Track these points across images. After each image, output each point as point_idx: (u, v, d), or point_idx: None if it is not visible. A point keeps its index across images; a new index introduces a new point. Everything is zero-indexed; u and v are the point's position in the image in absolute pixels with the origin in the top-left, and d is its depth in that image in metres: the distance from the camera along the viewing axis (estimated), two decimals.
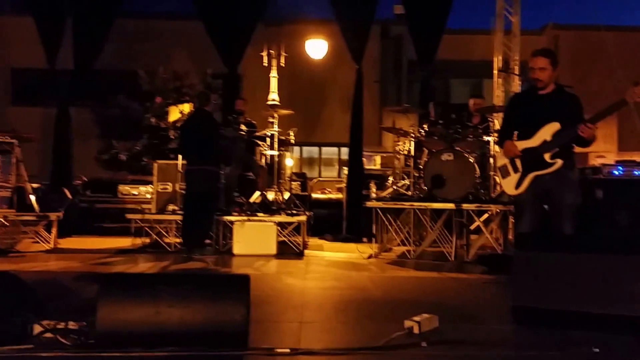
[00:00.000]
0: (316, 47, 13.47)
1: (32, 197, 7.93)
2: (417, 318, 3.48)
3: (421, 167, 7.47)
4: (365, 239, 8.58)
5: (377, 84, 17.18)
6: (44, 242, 7.88)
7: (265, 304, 4.20)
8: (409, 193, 7.62)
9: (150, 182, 9.21)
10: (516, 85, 10.43)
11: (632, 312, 3.28)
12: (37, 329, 3.12)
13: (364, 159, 10.70)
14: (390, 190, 8.06)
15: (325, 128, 16.94)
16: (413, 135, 7.77)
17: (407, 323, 3.45)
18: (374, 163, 11.57)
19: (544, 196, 4.74)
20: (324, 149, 18.48)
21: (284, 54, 11.03)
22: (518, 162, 4.78)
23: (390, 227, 7.44)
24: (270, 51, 10.99)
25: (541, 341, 3.30)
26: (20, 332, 3.07)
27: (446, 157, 7.14)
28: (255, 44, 11.15)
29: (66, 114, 10.74)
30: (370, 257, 7.24)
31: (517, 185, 4.77)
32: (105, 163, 13.90)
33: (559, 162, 4.59)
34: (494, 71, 11.04)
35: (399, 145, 8.28)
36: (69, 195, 9.12)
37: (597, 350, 3.07)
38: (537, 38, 17.25)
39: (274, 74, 11.07)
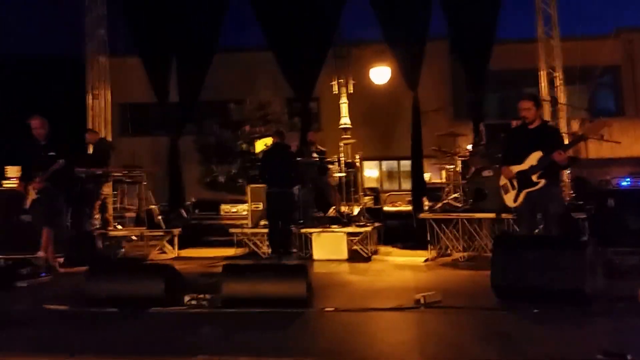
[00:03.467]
0: (380, 74, 15.30)
1: (160, 217, 10.52)
2: (424, 293, 5.51)
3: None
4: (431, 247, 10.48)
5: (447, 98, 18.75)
6: (169, 253, 10.42)
7: (328, 287, 6.38)
8: (459, 205, 9.55)
9: (246, 201, 11.58)
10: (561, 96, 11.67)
11: (564, 286, 5.12)
12: (186, 298, 5.45)
13: (429, 173, 12.60)
14: (442, 202, 9.99)
15: (402, 142, 18.84)
16: (459, 156, 9.71)
17: (417, 296, 5.48)
18: (440, 177, 13.42)
19: (535, 207, 6.59)
20: (403, 162, 20.38)
21: (352, 81, 13.13)
22: (515, 182, 6.66)
23: (442, 235, 9.35)
24: (340, 80, 13.14)
25: (504, 304, 5.23)
26: (179, 300, 5.41)
27: (487, 173, 8.99)
28: (327, 69, 13.23)
29: (176, 143, 13.25)
30: (426, 260, 9.19)
31: (515, 200, 6.65)
32: (207, 185, 16.63)
33: (543, 181, 6.43)
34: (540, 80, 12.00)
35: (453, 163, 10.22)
36: (185, 215, 11.71)
37: (536, 310, 4.97)
38: (612, 42, 18.16)
39: (344, 100, 13.22)
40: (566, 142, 7.14)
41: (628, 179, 8.15)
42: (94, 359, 3.95)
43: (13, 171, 9.75)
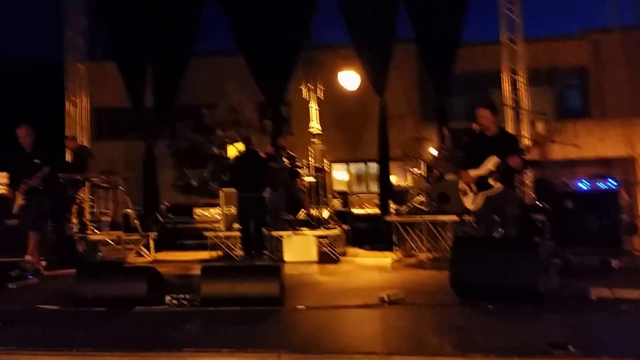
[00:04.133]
0: (349, 79, 15.74)
1: (137, 222, 10.84)
2: (388, 292, 5.97)
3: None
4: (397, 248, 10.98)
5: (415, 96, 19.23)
6: (146, 256, 10.75)
7: (299, 287, 6.84)
8: (424, 208, 10.06)
9: (218, 205, 11.94)
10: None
11: (519, 284, 5.60)
12: (167, 298, 5.85)
13: (396, 177, 13.10)
14: (407, 205, 10.50)
15: (370, 145, 19.34)
16: (423, 160, 10.22)
17: (381, 294, 5.93)
18: (406, 180, 13.95)
19: (493, 210, 7.09)
20: (371, 165, 20.88)
21: (320, 87, 13.56)
22: (473, 186, 7.15)
23: (408, 237, 9.86)
24: (309, 85, 13.57)
25: (463, 301, 5.71)
26: (161, 300, 5.80)
27: (450, 177, 9.52)
28: (298, 74, 13.63)
29: (151, 148, 13.55)
30: (393, 262, 9.66)
31: (473, 203, 7.15)
32: (180, 189, 16.96)
33: (499, 185, 6.93)
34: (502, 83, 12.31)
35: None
36: (160, 218, 12.05)
37: (491, 306, 5.46)
38: (578, 43, 18.76)
39: (312, 105, 13.64)
40: (527, 144, 7.65)
41: (585, 182, 8.69)
42: (92, 353, 4.32)
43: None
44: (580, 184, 8.83)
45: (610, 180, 8.51)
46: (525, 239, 6.42)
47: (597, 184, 8.80)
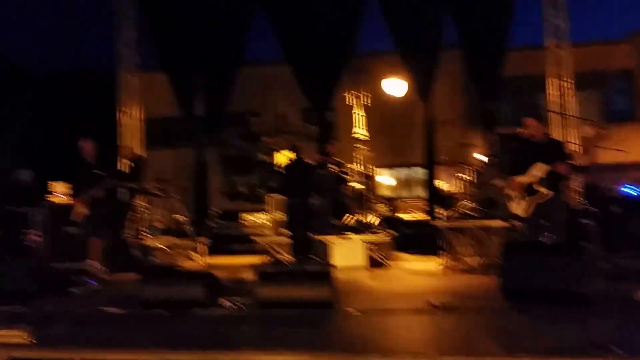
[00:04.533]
0: (394, 86, 15.92)
1: (189, 228, 11.26)
2: (433, 294, 6.16)
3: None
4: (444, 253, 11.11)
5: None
6: (196, 260, 11.14)
7: (349, 291, 7.08)
8: (472, 213, 10.17)
9: (265, 210, 12.28)
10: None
11: (566, 288, 5.73)
12: (223, 301, 6.15)
13: (445, 182, 13.24)
14: (455, 211, 10.63)
15: (417, 150, 19.46)
16: (471, 165, 10.36)
17: (431, 300, 6.12)
18: (455, 185, 14.06)
19: (541, 215, 7.21)
20: (417, 170, 20.96)
21: (367, 94, 13.79)
22: (521, 191, 7.28)
23: (456, 242, 9.98)
24: (354, 92, 13.82)
25: (512, 306, 5.86)
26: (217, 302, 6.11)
27: (498, 183, 9.61)
28: (343, 80, 13.88)
29: (202, 156, 14.00)
30: (440, 266, 9.82)
31: (522, 208, 7.28)
32: (228, 195, 17.40)
33: (547, 191, 7.06)
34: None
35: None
36: (211, 224, 12.45)
37: (540, 311, 5.59)
38: (624, 47, 18.57)
39: (357, 111, 13.88)
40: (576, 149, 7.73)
41: (631, 187, 8.73)
42: (159, 352, 4.63)
43: (57, 187, 10.56)
44: (624, 189, 8.85)
45: None
46: (571, 244, 6.52)
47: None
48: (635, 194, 8.75)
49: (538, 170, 7.13)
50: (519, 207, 7.30)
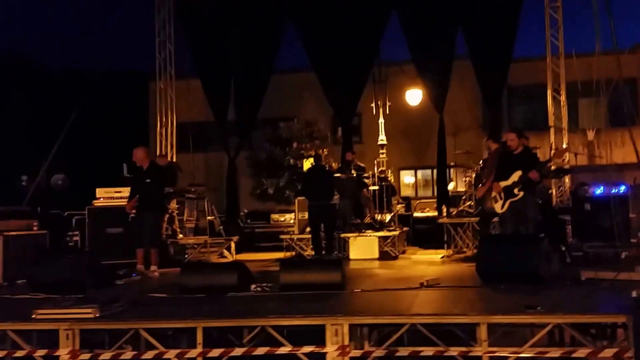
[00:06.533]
0: (414, 96, 17.81)
1: (221, 228, 13.20)
2: (427, 278, 7.96)
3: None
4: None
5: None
6: (228, 257, 13.07)
7: (359, 277, 8.92)
8: (472, 211, 11.96)
9: (292, 211, 14.17)
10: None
11: (526, 270, 7.46)
12: (253, 286, 8.01)
13: (454, 183, 15.03)
14: (457, 209, 12.42)
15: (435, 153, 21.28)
16: (473, 169, 12.12)
17: (421, 280, 7.93)
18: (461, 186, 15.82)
19: (517, 213, 8.97)
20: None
21: (388, 103, 15.62)
22: (502, 194, 9.06)
23: (457, 236, 11.79)
24: (378, 102, 15.67)
25: (484, 284, 7.63)
26: (248, 288, 7.96)
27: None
28: (368, 88, 15.63)
29: (233, 160, 15.88)
30: (443, 257, 11.63)
31: (502, 207, 9.06)
32: (257, 197, 19.38)
33: (522, 194, 8.83)
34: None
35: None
36: (241, 224, 14.42)
37: (503, 287, 7.35)
38: (629, 57, 20.20)
39: (381, 119, 15.73)
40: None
41: (602, 187, 10.44)
42: (203, 320, 6.47)
43: (101, 192, 12.49)
44: (596, 190, 10.52)
45: (622, 185, 10.23)
46: (532, 236, 8.26)
47: (611, 189, 10.48)
48: (603, 193, 10.39)
49: (515, 176, 8.91)
50: (498, 206, 9.07)
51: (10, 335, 6.33)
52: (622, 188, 10.28)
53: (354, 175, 13.09)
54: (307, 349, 5.90)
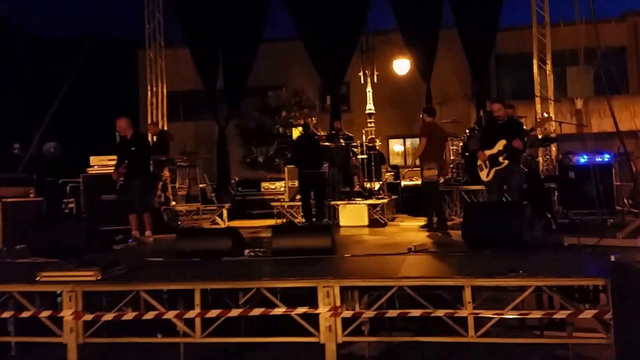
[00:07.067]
0: (401, 65, 17.99)
1: (213, 195, 13.48)
2: (415, 243, 8.31)
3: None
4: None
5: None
6: (220, 224, 13.38)
7: (349, 243, 9.25)
8: (459, 179, 12.30)
9: (282, 179, 14.47)
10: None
11: (509, 236, 7.82)
12: (246, 251, 8.33)
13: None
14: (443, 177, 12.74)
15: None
16: (460, 138, 12.43)
17: (409, 246, 8.28)
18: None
19: (502, 181, 9.31)
20: None
21: (376, 73, 15.84)
22: (487, 162, 9.38)
23: (444, 204, 12.12)
24: (366, 71, 15.89)
25: (470, 249, 7.99)
26: (242, 253, 8.29)
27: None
28: (356, 58, 15.82)
29: (223, 129, 16.10)
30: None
31: (487, 175, 9.39)
32: (247, 165, 19.67)
33: (506, 162, 9.16)
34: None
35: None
36: (232, 192, 14.70)
37: (488, 252, 7.71)
38: (618, 25, 20.69)
39: (369, 89, 15.96)
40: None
41: (585, 156, 10.76)
42: (201, 283, 6.80)
43: (95, 160, 12.73)
44: (580, 159, 10.83)
45: (605, 154, 10.57)
46: (515, 203, 8.61)
47: (595, 158, 10.80)
48: (587, 161, 10.70)
49: (500, 145, 9.22)
50: (484, 174, 9.41)
51: (17, 297, 6.63)
52: (607, 157, 10.57)
53: (343, 144, 13.36)
54: (301, 310, 6.22)
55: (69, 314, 6.43)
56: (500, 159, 9.22)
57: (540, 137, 12.38)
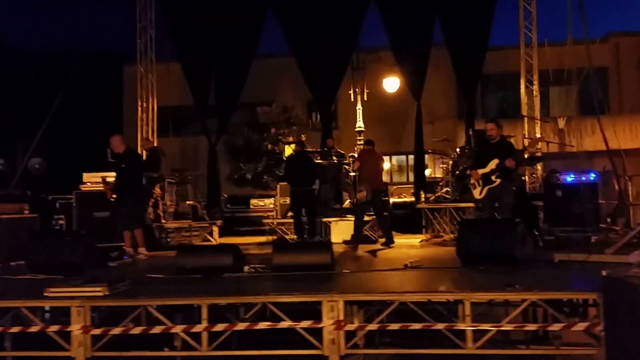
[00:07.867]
0: (391, 83, 18.44)
1: (204, 212, 13.72)
2: (411, 260, 8.64)
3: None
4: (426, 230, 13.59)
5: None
6: (211, 241, 13.60)
7: (345, 259, 9.57)
8: (449, 197, 12.68)
9: (272, 196, 14.75)
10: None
11: (502, 253, 8.16)
12: (246, 267, 8.59)
13: (430, 169, 15.77)
14: (435, 195, 13.14)
15: (410, 139, 21.95)
16: (450, 157, 12.83)
17: (405, 262, 8.60)
18: (437, 172, 16.61)
19: (494, 199, 9.70)
20: (411, 157, 23.51)
21: (366, 90, 16.23)
22: (480, 181, 9.77)
23: (434, 221, 12.50)
24: (355, 89, 16.27)
25: (464, 265, 8.32)
26: (242, 269, 8.54)
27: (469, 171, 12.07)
28: (346, 75, 16.16)
29: (213, 145, 16.26)
30: (421, 241, 12.34)
31: (480, 194, 9.77)
32: (235, 181, 19.94)
33: (499, 181, 9.55)
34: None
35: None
36: (223, 209, 14.96)
37: (482, 268, 8.05)
38: (602, 45, 21.36)
39: (359, 106, 16.35)
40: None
41: (572, 175, 11.20)
42: (202, 298, 7.04)
43: (88, 177, 12.87)
44: (567, 177, 11.27)
45: (592, 173, 11.03)
46: (508, 220, 8.98)
47: (581, 177, 11.24)
48: (574, 180, 11.14)
49: (493, 164, 9.62)
50: (477, 192, 9.79)
51: (24, 312, 6.83)
52: (592, 175, 11.00)
53: (335, 161, 13.70)
54: (305, 323, 6.50)
55: (77, 328, 6.64)
56: (493, 177, 9.61)
57: (526, 156, 12.80)
